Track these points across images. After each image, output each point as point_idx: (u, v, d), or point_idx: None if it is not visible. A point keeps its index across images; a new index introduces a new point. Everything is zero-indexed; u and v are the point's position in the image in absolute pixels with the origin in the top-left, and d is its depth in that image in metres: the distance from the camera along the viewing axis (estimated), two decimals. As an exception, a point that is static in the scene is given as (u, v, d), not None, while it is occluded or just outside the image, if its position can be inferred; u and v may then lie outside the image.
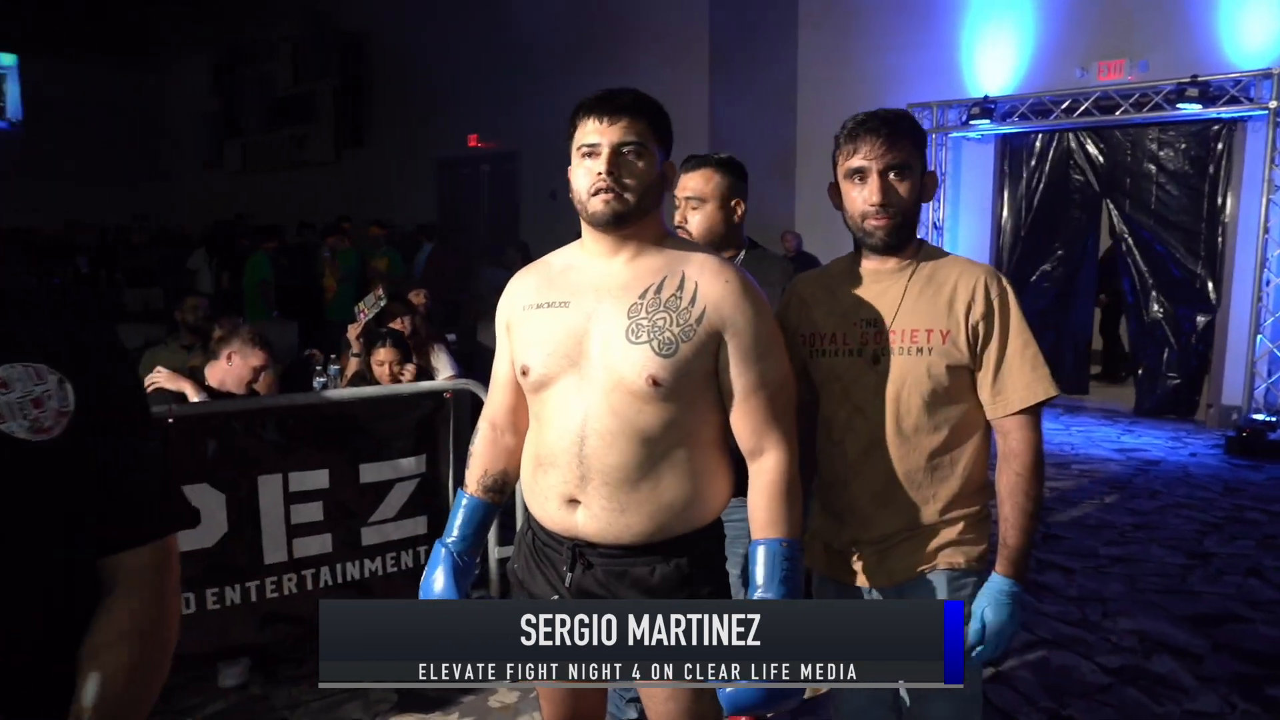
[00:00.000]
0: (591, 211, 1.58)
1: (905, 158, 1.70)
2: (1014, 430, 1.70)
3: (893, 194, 1.70)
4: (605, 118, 1.57)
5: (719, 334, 1.58)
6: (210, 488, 2.79)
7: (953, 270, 1.74)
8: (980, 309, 1.69)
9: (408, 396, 3.19)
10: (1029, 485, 1.69)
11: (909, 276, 1.74)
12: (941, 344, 1.69)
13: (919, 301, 1.72)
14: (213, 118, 17.89)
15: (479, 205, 12.70)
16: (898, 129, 1.70)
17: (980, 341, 1.69)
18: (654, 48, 9.65)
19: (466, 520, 1.76)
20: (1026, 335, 1.70)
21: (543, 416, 1.65)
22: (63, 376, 1.01)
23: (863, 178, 1.72)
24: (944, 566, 1.74)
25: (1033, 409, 1.69)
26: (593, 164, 1.58)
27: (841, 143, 1.74)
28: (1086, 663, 3.31)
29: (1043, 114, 7.72)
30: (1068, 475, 5.97)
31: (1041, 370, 1.69)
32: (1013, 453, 1.70)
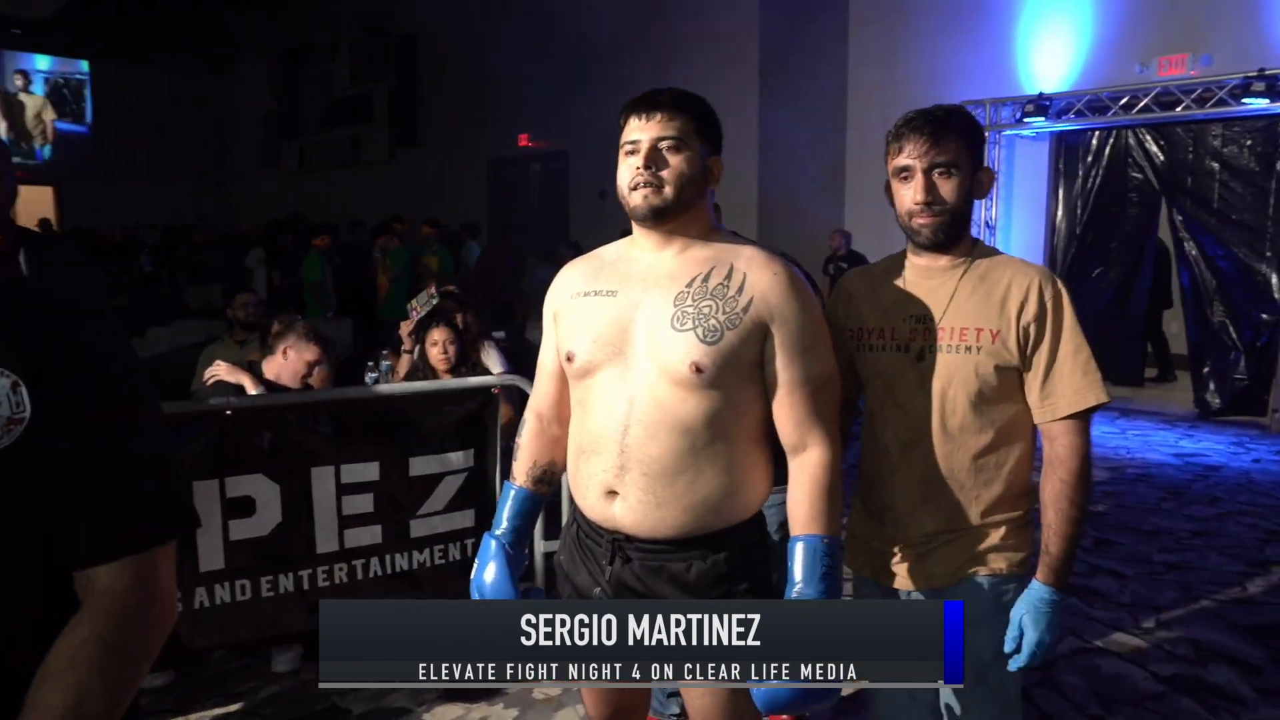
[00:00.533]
0: (632, 206, 1.61)
1: (951, 156, 1.68)
2: (1061, 435, 1.67)
3: (937, 192, 1.69)
4: (644, 114, 1.61)
5: (765, 325, 1.58)
6: (265, 478, 2.86)
7: (1006, 270, 1.72)
8: (1033, 310, 1.66)
9: (456, 391, 3.24)
10: (1074, 492, 1.66)
11: (961, 274, 1.73)
12: (991, 343, 1.67)
13: (970, 300, 1.70)
14: (271, 119, 18.33)
15: (529, 204, 12.83)
16: (944, 127, 1.69)
17: (1031, 343, 1.67)
18: (704, 46, 9.65)
19: (515, 511, 1.79)
20: (1079, 340, 1.67)
21: (586, 404, 1.67)
22: (17, 380, 0.92)
23: (908, 176, 1.71)
24: (986, 572, 1.72)
25: (1081, 415, 1.67)
26: (633, 160, 1.61)
27: (890, 141, 1.74)
28: (1138, 670, 3.24)
29: (1100, 111, 7.55)
30: (1122, 479, 5.84)
31: (1093, 376, 1.66)
32: (1059, 459, 1.67)
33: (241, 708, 2.94)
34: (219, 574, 2.81)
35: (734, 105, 9.31)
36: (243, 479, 2.84)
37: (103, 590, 0.96)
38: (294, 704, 2.97)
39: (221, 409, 2.82)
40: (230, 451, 2.82)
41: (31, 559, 0.95)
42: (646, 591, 1.62)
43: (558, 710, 2.92)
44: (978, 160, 1.73)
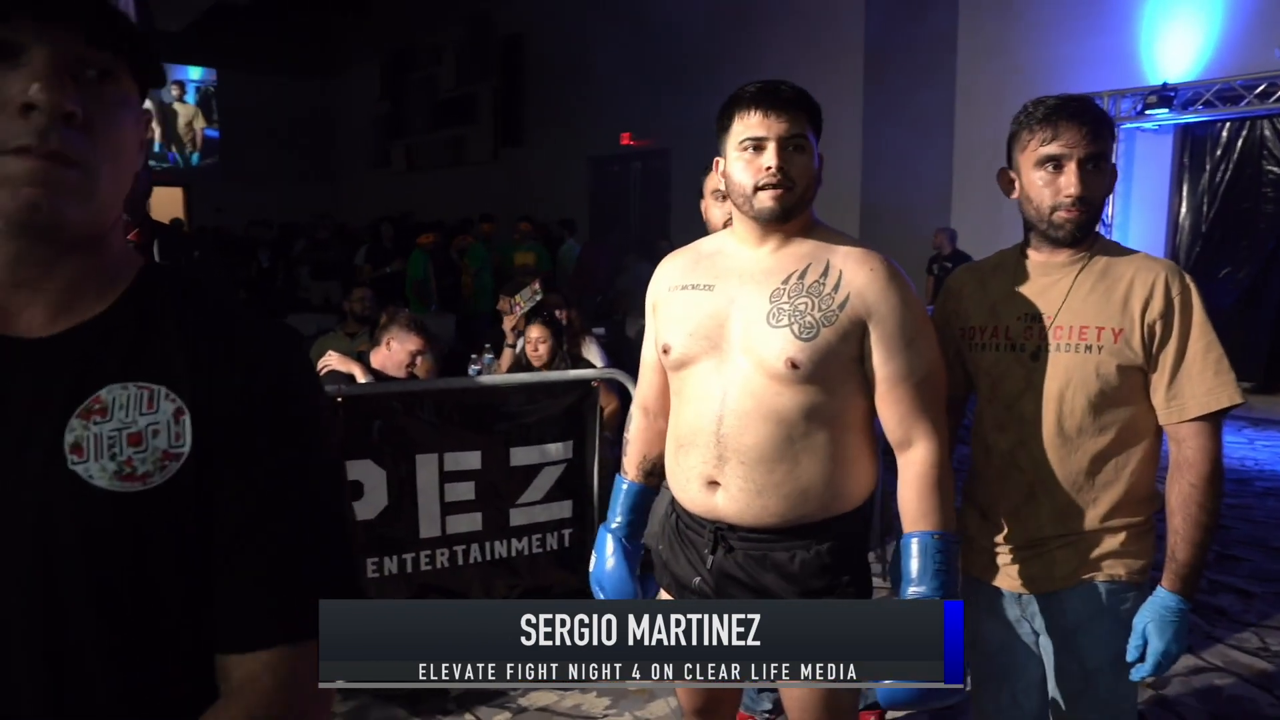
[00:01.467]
0: (759, 208, 1.59)
1: (1104, 148, 1.61)
2: (1190, 438, 1.59)
3: (1090, 185, 1.61)
4: (771, 111, 1.57)
5: (863, 321, 1.57)
6: (373, 464, 2.98)
7: (1129, 265, 1.64)
8: (1159, 307, 1.58)
9: (557, 384, 3.30)
10: (1204, 498, 1.57)
11: (1079, 270, 1.65)
12: (1113, 342, 1.60)
13: (1090, 297, 1.63)
14: (381, 120, 18.98)
15: (629, 202, 12.92)
16: (1099, 118, 1.62)
17: (1157, 342, 1.59)
18: (807, 43, 9.53)
19: (629, 505, 1.82)
20: (1210, 337, 1.58)
21: (683, 396, 1.68)
22: (183, 405, 0.76)
23: (1058, 166, 1.62)
24: (1103, 578, 1.65)
25: (1212, 417, 1.58)
26: (758, 158, 1.58)
27: (1033, 127, 1.64)
28: (1264, 695, 3.05)
29: (1232, 101, 7.13)
30: (1250, 492, 5.50)
31: (1225, 376, 1.57)
32: (1188, 462, 1.59)
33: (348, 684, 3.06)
34: (329, 554, 2.93)
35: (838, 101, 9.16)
36: (353, 464, 2.95)
37: (244, 682, 0.77)
38: (397, 683, 3.07)
39: (333, 396, 2.95)
40: (342, 437, 2.93)
41: (177, 631, 0.77)
42: (750, 581, 1.63)
43: (650, 701, 2.94)
44: (1111, 155, 1.67)
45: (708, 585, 1.67)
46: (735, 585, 1.64)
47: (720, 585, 1.65)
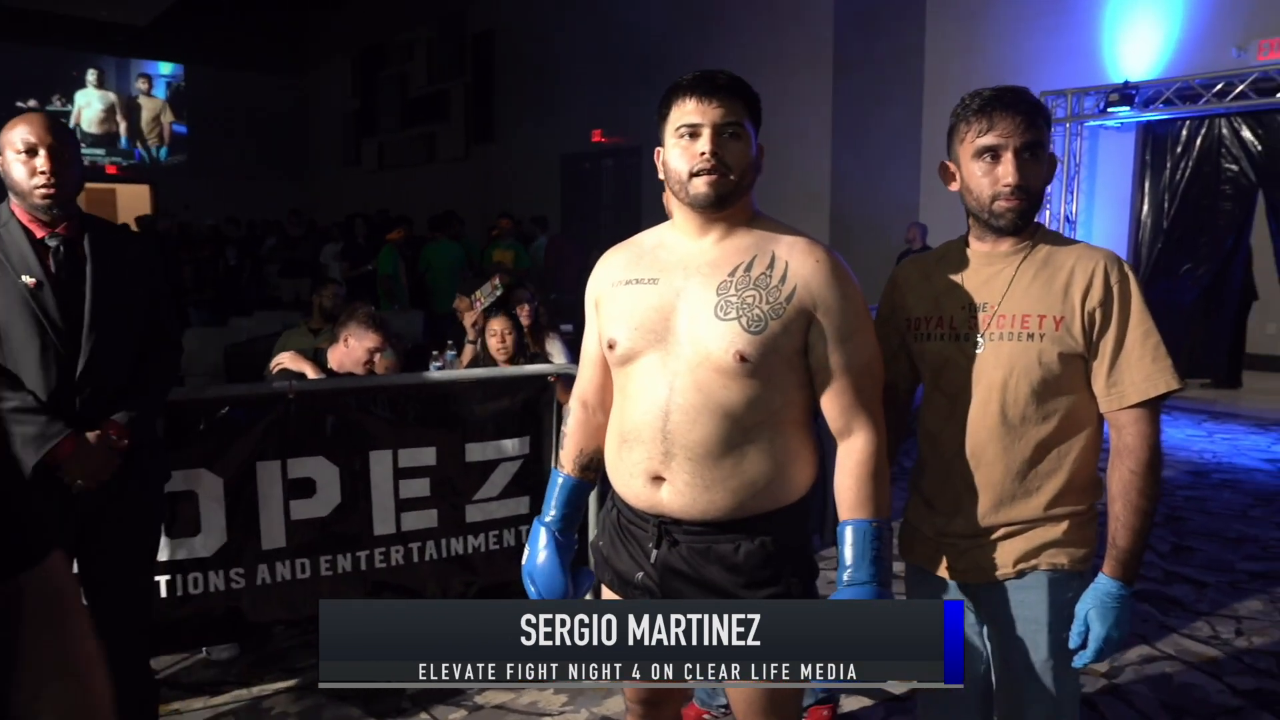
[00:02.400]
0: (694, 193, 1.58)
1: (1039, 136, 1.62)
2: (1130, 425, 1.60)
3: (1027, 174, 1.62)
4: (706, 98, 1.57)
5: (809, 313, 1.57)
6: (326, 461, 2.95)
7: (1070, 254, 1.65)
8: (1099, 295, 1.59)
9: (513, 380, 3.28)
10: (1144, 484, 1.59)
11: (1021, 259, 1.66)
12: (1054, 330, 1.60)
13: (1032, 286, 1.64)
14: (352, 118, 18.82)
15: (601, 199, 12.90)
16: (1034, 107, 1.63)
17: (1097, 329, 1.60)
18: (778, 39, 9.55)
19: (564, 499, 1.80)
20: (1148, 324, 1.60)
21: (627, 391, 1.67)
22: None
23: (995, 156, 1.63)
24: (1046, 566, 1.66)
25: (1151, 403, 1.59)
26: (694, 144, 1.58)
27: (969, 119, 1.65)
28: (1214, 682, 3.09)
29: (1191, 99, 7.22)
30: (1206, 485, 5.58)
31: (1163, 362, 1.58)
32: (1127, 449, 1.60)
33: (301, 682, 3.03)
34: (280, 552, 2.90)
35: (808, 97, 9.20)
36: (305, 460, 2.92)
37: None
38: (352, 681, 3.05)
39: (285, 392, 2.91)
40: (293, 434, 2.90)
41: None
42: (693, 574, 1.62)
43: (607, 697, 2.93)
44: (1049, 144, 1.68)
45: (651, 580, 1.66)
46: (679, 579, 1.63)
47: (664, 579, 1.64)
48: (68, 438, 2.03)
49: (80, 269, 2.10)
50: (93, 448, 2.06)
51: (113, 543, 2.17)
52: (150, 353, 2.23)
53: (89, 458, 2.05)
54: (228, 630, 2.93)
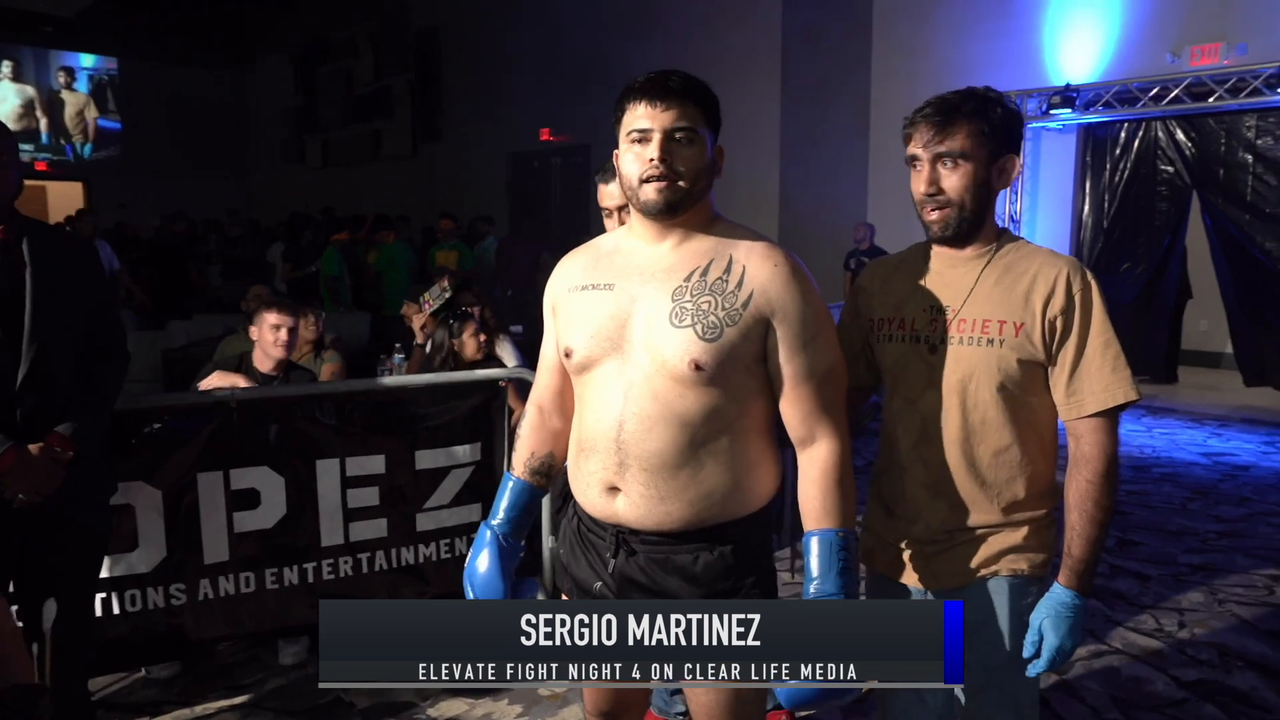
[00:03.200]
0: (644, 200, 1.55)
1: (958, 146, 1.60)
2: (1088, 434, 1.60)
3: (940, 184, 1.61)
4: (657, 102, 1.53)
5: (766, 319, 1.54)
6: (271, 470, 2.85)
7: (1033, 261, 1.64)
8: (1060, 303, 1.59)
9: (463, 384, 3.22)
10: (1099, 494, 1.59)
11: (984, 264, 1.66)
12: (1014, 337, 1.60)
13: (994, 291, 1.63)
14: (295, 114, 18.44)
15: (550, 198, 12.81)
16: (954, 115, 1.60)
17: (1057, 338, 1.60)
18: (725, 39, 9.57)
19: (512, 503, 1.75)
20: (1109, 334, 1.59)
21: (585, 400, 1.64)
22: None
23: (917, 166, 1.64)
24: (1006, 572, 1.66)
25: (1109, 413, 1.59)
26: (644, 150, 1.54)
27: (904, 129, 1.67)
28: (1160, 675, 3.15)
29: (1129, 102, 7.40)
30: (1148, 479, 5.72)
31: (1123, 373, 1.58)
32: (1085, 458, 1.60)
33: (247, 700, 2.94)
34: (223, 566, 2.80)
35: (756, 99, 9.23)
36: (248, 471, 2.83)
37: None
38: (299, 696, 2.96)
39: (227, 400, 2.81)
40: (236, 443, 2.81)
41: None
42: (652, 584, 1.59)
43: (563, 707, 2.88)
44: (1001, 148, 1.63)
45: (609, 589, 1.62)
46: (637, 589, 1.60)
47: (622, 589, 1.61)
48: (8, 450, 1.94)
49: (19, 274, 1.99)
50: (35, 460, 1.97)
51: (54, 559, 2.08)
52: (95, 360, 2.14)
53: (31, 471, 1.96)
54: (169, 648, 2.83)
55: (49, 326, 2.01)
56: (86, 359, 2.12)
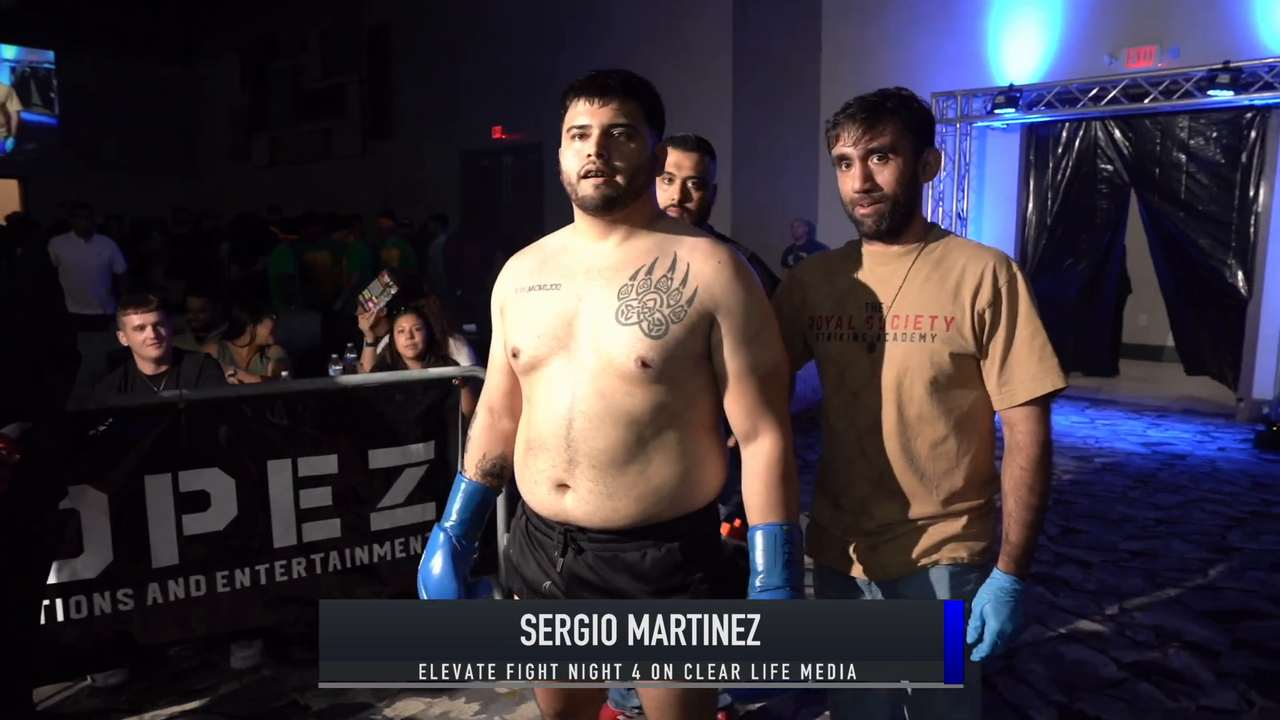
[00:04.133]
0: (581, 195, 1.57)
1: (888, 141, 1.64)
2: (1020, 422, 1.65)
3: (874, 180, 1.66)
4: (595, 99, 1.55)
5: (711, 315, 1.56)
6: (221, 472, 2.82)
7: (961, 255, 1.68)
8: (987, 295, 1.63)
9: (417, 383, 3.20)
10: (1034, 480, 1.63)
11: (913, 260, 1.70)
12: (946, 330, 1.64)
13: (924, 286, 1.67)
14: (242, 112, 18.10)
15: (502, 196, 12.74)
16: (879, 112, 1.65)
17: (987, 330, 1.64)
18: (676, 38, 9.61)
19: (465, 504, 1.76)
20: (1035, 325, 1.64)
21: (533, 399, 1.65)
22: None
23: (847, 165, 1.68)
24: (946, 561, 1.70)
25: (1040, 401, 1.64)
26: (582, 146, 1.56)
27: (828, 130, 1.72)
28: (1101, 657, 3.26)
29: (1069, 103, 7.59)
30: (1090, 469, 5.89)
31: (1050, 361, 1.64)
32: (1018, 446, 1.65)
33: (199, 705, 2.90)
34: (173, 570, 2.76)
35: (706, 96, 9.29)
36: (197, 473, 2.79)
37: None
38: (254, 701, 2.93)
39: (175, 402, 2.77)
40: (184, 445, 2.77)
41: None
42: (600, 582, 1.60)
43: (520, 704, 2.89)
44: (923, 142, 1.69)
45: (558, 588, 1.64)
46: (586, 588, 1.61)
47: (570, 588, 1.62)
48: None
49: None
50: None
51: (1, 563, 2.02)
52: (44, 362, 2.09)
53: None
54: (117, 655, 2.78)
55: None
56: (35, 360, 2.08)
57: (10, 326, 2.00)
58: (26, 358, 2.05)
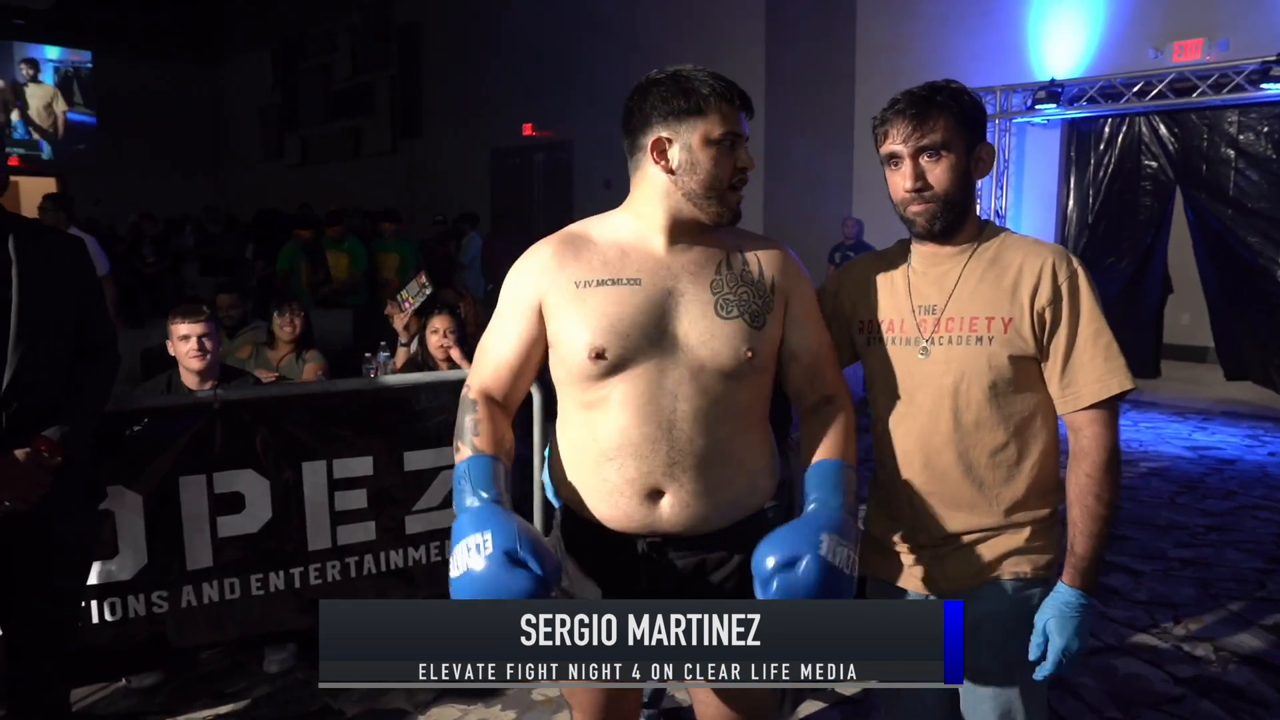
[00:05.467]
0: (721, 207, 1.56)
1: (940, 137, 1.57)
2: (1085, 426, 1.56)
3: (926, 178, 1.59)
4: (745, 110, 1.58)
5: (785, 304, 1.61)
6: (255, 474, 2.78)
7: (1018, 252, 1.60)
8: (1047, 294, 1.55)
9: (452, 384, 3.15)
10: (1100, 488, 1.55)
11: (967, 260, 1.62)
12: (1004, 332, 1.56)
13: (979, 286, 1.60)
14: (273, 111, 18.26)
15: (532, 194, 12.74)
16: (929, 107, 1.58)
17: (1047, 330, 1.56)
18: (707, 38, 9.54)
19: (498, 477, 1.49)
20: (1100, 323, 1.56)
21: (613, 402, 1.52)
22: None
23: (897, 163, 1.61)
24: (1008, 575, 1.62)
25: (1106, 403, 1.56)
26: (738, 155, 1.56)
27: (876, 128, 1.66)
28: (1156, 671, 3.14)
29: (1113, 98, 7.42)
30: (1134, 472, 5.74)
31: (1116, 361, 1.55)
32: (1083, 451, 1.56)
33: (233, 709, 2.87)
34: (207, 572, 2.73)
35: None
36: (232, 474, 2.76)
37: None
38: (287, 704, 2.90)
39: (210, 402, 2.74)
40: (219, 446, 2.73)
41: None
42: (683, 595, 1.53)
43: (557, 712, 2.83)
44: (975, 137, 1.62)
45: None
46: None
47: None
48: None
49: (5, 273, 1.91)
50: (22, 466, 1.89)
51: (40, 568, 2.00)
52: (84, 362, 2.06)
53: (18, 477, 1.88)
54: (150, 657, 2.75)
55: (36, 328, 1.93)
56: (75, 360, 2.04)
57: (51, 326, 1.97)
58: (65, 358, 2.02)
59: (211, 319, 3.26)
